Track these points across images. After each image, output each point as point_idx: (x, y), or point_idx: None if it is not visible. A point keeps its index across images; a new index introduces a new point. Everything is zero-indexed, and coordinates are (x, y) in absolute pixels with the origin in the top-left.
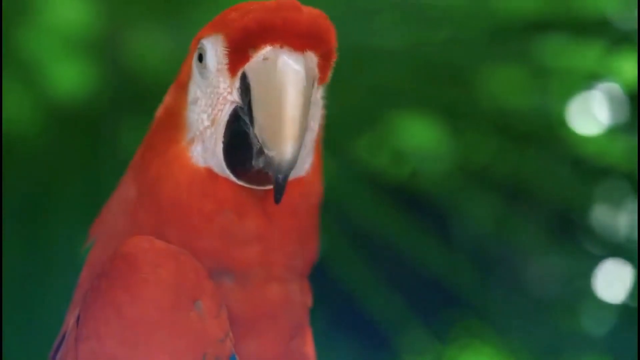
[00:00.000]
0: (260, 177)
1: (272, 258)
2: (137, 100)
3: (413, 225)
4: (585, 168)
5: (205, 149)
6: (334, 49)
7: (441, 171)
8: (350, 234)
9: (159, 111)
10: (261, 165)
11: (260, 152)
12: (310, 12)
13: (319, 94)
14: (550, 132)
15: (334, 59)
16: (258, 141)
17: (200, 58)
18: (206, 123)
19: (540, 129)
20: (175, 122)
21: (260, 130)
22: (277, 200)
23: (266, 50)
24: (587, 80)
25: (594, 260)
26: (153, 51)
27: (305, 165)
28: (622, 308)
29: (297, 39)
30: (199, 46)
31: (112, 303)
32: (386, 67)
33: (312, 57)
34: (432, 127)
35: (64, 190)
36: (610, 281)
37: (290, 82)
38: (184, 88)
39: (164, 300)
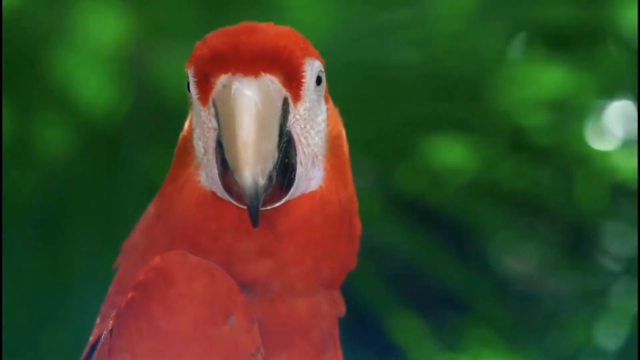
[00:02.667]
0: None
1: (291, 273)
2: (162, 121)
3: (428, 238)
4: (600, 183)
5: (207, 174)
6: (299, 66)
7: (457, 185)
8: (363, 247)
9: (181, 135)
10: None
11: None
12: (266, 34)
13: (302, 109)
14: (566, 148)
15: (303, 76)
16: None
17: (188, 87)
18: (202, 150)
19: (556, 144)
20: (187, 147)
21: (227, 156)
22: (254, 224)
23: (222, 78)
24: (603, 95)
25: (608, 275)
26: (180, 71)
27: (312, 181)
28: (635, 322)
29: (248, 64)
30: (187, 76)
31: (146, 317)
32: (402, 83)
33: (273, 79)
34: (449, 142)
35: (86, 205)
36: (624, 294)
37: (241, 109)
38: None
39: (198, 315)
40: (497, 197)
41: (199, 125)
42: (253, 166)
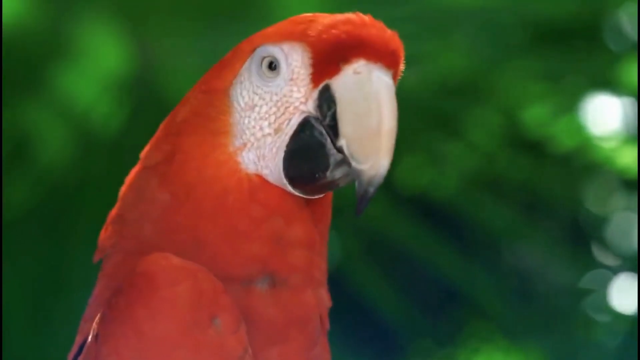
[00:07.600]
0: (317, 188)
1: (316, 262)
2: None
3: (428, 232)
4: (599, 179)
5: (260, 156)
6: (401, 62)
7: (457, 180)
8: (364, 241)
9: (183, 115)
10: (337, 176)
11: (341, 163)
12: (388, 29)
13: None
14: (564, 142)
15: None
16: (339, 152)
17: (270, 65)
18: (267, 131)
19: (554, 139)
20: (215, 127)
21: (349, 143)
22: (360, 211)
23: (359, 64)
24: (601, 90)
25: (608, 271)
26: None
27: None
28: (635, 318)
29: (388, 55)
30: (265, 54)
31: (131, 321)
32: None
33: (391, 73)
34: (444, 136)
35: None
36: (624, 292)
37: (385, 97)
38: (223, 93)
39: (183, 318)
40: (499, 192)
41: (273, 104)
42: (390, 154)
